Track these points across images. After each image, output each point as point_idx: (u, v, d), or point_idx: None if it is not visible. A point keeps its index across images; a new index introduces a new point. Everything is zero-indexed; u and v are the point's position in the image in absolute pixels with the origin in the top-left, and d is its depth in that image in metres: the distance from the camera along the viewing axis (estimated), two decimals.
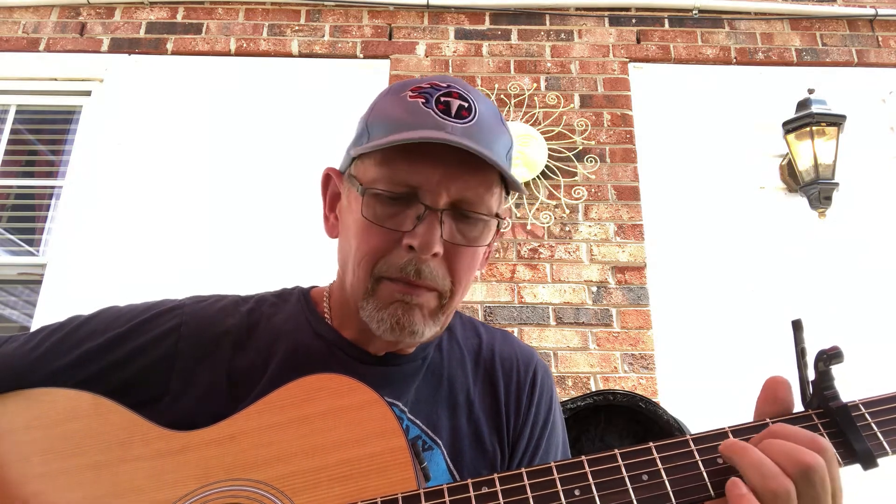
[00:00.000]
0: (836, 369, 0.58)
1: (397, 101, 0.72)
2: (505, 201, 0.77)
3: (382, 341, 0.75)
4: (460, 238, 0.71)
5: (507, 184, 0.74)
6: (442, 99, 0.71)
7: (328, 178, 0.81)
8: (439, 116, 0.69)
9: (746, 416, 0.60)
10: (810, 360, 0.59)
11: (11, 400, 0.71)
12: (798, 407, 0.59)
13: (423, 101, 0.71)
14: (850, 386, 0.60)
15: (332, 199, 0.81)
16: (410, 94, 0.72)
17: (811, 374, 0.58)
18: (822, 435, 0.56)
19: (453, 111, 0.70)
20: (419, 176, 0.68)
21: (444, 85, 0.73)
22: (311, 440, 0.64)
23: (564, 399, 1.95)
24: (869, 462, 0.54)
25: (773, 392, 0.59)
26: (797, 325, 0.60)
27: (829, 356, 0.57)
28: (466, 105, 0.71)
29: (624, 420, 1.93)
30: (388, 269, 0.70)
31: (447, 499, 0.56)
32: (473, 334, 0.87)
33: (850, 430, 0.55)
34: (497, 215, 0.73)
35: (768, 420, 0.58)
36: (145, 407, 0.71)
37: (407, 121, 0.70)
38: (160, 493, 0.64)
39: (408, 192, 0.69)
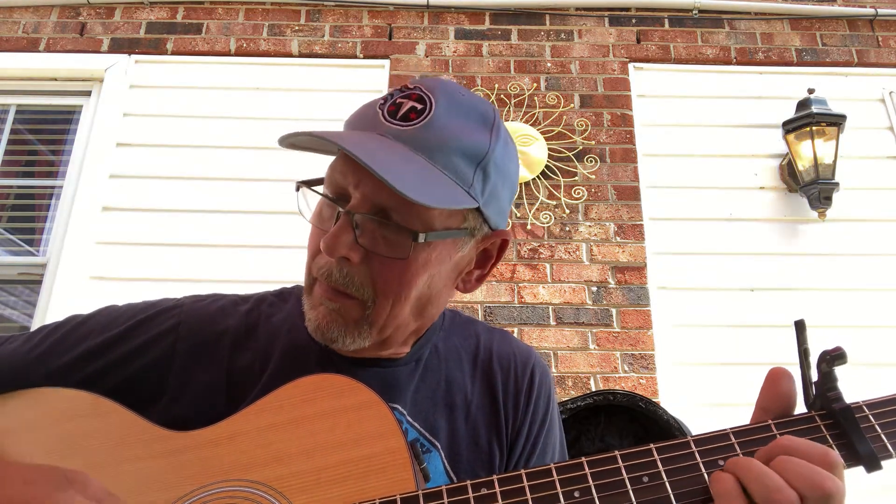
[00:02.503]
0: (838, 370, 0.57)
1: (369, 101, 0.71)
2: (477, 215, 0.71)
3: (367, 350, 0.75)
4: (381, 246, 0.66)
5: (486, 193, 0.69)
6: (398, 100, 0.69)
7: None
8: (383, 117, 0.68)
9: (747, 416, 0.60)
10: (813, 360, 0.58)
11: (10, 400, 0.71)
12: (801, 408, 0.58)
13: (383, 101, 0.70)
14: (850, 386, 0.60)
15: None
16: (381, 97, 0.71)
17: (814, 375, 0.58)
18: (826, 439, 0.55)
19: (401, 113, 0.67)
20: (338, 176, 0.68)
21: (413, 86, 0.70)
22: (309, 441, 0.64)
23: (564, 399, 1.95)
24: (873, 465, 0.53)
25: (775, 384, 0.58)
26: (800, 326, 0.58)
27: (833, 357, 0.56)
28: (420, 107, 0.67)
29: (624, 420, 1.93)
30: (317, 270, 0.70)
31: (446, 500, 0.56)
32: (471, 334, 0.86)
33: (854, 432, 0.54)
34: (410, 230, 0.66)
35: (770, 421, 0.57)
36: (144, 407, 0.71)
37: (353, 122, 0.70)
38: (159, 494, 0.64)
39: (338, 195, 0.69)
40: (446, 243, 0.70)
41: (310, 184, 0.72)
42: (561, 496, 0.55)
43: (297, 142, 0.71)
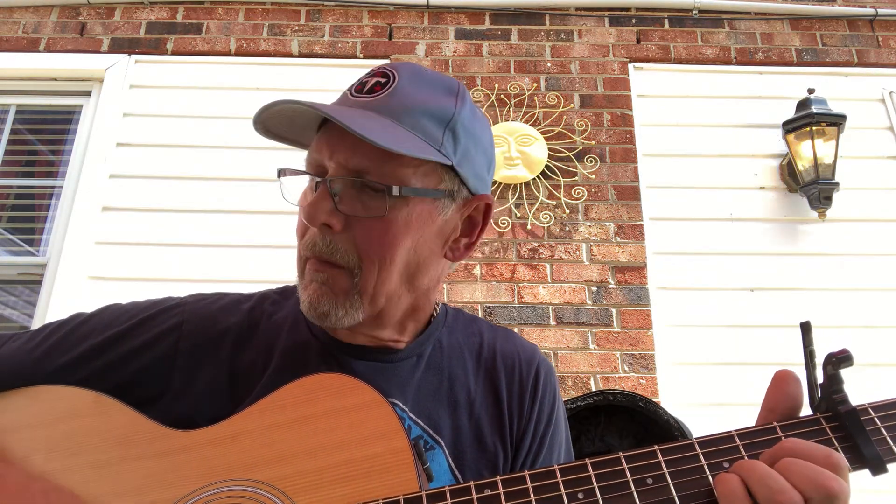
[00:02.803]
0: (843, 372, 0.57)
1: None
2: (452, 175, 0.73)
3: (364, 334, 0.76)
4: (360, 209, 0.68)
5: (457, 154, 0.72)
6: (363, 79, 0.73)
7: None
8: (348, 94, 0.72)
9: (747, 416, 0.60)
10: (818, 362, 0.57)
11: (13, 398, 0.71)
12: (806, 410, 0.58)
13: (348, 87, 0.74)
14: (850, 387, 0.60)
15: None
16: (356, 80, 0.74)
17: (819, 378, 0.57)
18: (832, 442, 0.55)
19: (366, 88, 0.71)
20: (316, 154, 0.71)
21: (379, 68, 0.74)
22: (312, 440, 0.64)
23: (564, 399, 1.95)
24: (878, 468, 0.53)
25: (781, 386, 0.58)
26: (806, 328, 0.58)
27: (839, 359, 0.55)
28: (384, 80, 0.71)
29: (624, 420, 1.93)
30: (304, 247, 0.72)
31: (449, 501, 0.56)
32: (475, 332, 0.86)
33: (860, 435, 0.54)
34: (409, 186, 0.68)
35: (775, 423, 0.57)
36: (146, 405, 0.71)
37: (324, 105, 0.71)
38: (161, 493, 0.64)
39: (316, 172, 0.71)
40: (426, 204, 0.71)
41: (291, 171, 0.74)
42: (565, 497, 0.54)
43: (272, 126, 0.74)
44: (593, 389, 2.44)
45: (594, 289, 2.62)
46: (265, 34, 3.02)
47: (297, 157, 0.77)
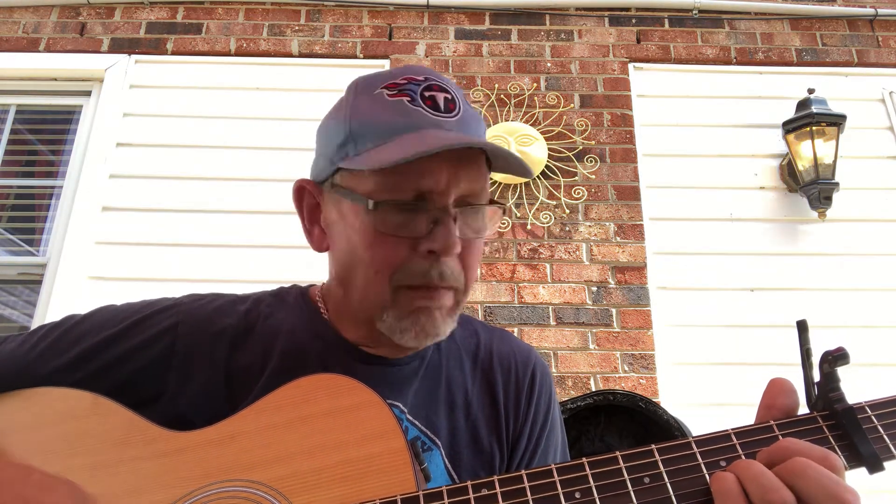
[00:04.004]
0: (840, 371, 0.56)
1: (378, 102, 0.69)
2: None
3: (386, 345, 0.75)
4: (469, 231, 0.71)
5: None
6: (426, 94, 0.69)
7: (301, 191, 0.79)
8: (431, 114, 0.68)
9: (747, 416, 0.59)
10: (815, 361, 0.57)
11: (9, 400, 0.71)
12: (803, 408, 0.58)
13: (408, 99, 0.68)
14: (850, 387, 0.60)
15: (310, 212, 0.79)
16: (388, 92, 0.69)
17: (816, 376, 0.57)
18: (829, 440, 0.54)
19: (441, 106, 0.69)
20: (428, 180, 0.67)
21: (421, 78, 0.70)
22: (309, 441, 0.63)
23: (564, 399, 1.95)
24: (875, 466, 0.53)
25: (773, 398, 0.58)
26: (802, 326, 0.58)
27: (835, 357, 0.55)
28: (449, 96, 0.70)
29: (624, 420, 1.93)
30: (408, 277, 0.68)
31: (446, 501, 0.56)
32: (471, 333, 0.86)
33: (856, 434, 0.53)
34: (494, 201, 0.74)
35: (772, 422, 0.56)
36: (143, 406, 0.71)
37: (401, 123, 0.67)
38: (159, 494, 0.64)
39: (416, 198, 0.68)
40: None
41: (380, 200, 0.68)
42: (562, 497, 0.54)
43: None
44: (593, 389, 2.43)
45: (594, 289, 2.62)
46: (265, 34, 3.02)
47: (297, 159, 0.77)
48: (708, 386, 2.48)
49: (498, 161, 0.73)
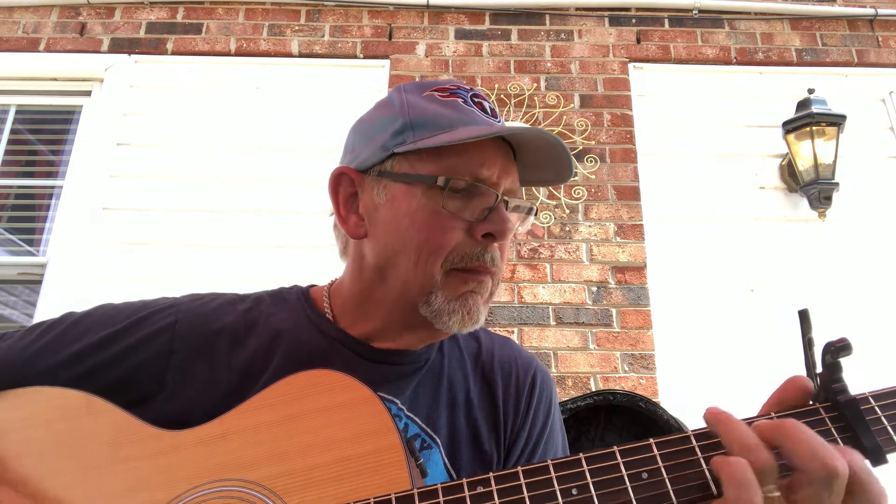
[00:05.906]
0: (843, 363, 0.55)
1: (433, 101, 0.75)
2: None
3: (394, 338, 0.76)
4: (513, 222, 0.76)
5: None
6: (475, 99, 0.77)
7: (339, 178, 0.79)
8: (484, 115, 0.76)
9: (746, 415, 0.59)
10: (818, 351, 0.56)
11: (3, 399, 0.70)
12: None
13: (462, 100, 0.76)
14: (850, 386, 0.59)
15: (347, 199, 0.79)
16: (439, 94, 0.76)
17: (818, 367, 0.56)
18: (831, 432, 0.54)
19: (488, 110, 0.77)
20: (487, 169, 0.72)
21: (467, 87, 0.79)
22: (303, 439, 0.63)
23: (564, 399, 1.95)
24: (879, 458, 0.52)
25: (785, 393, 0.57)
26: (804, 316, 0.57)
27: (838, 348, 0.54)
28: (491, 106, 0.79)
29: (624, 420, 1.92)
30: (460, 259, 0.72)
31: (441, 499, 0.55)
32: (473, 338, 0.87)
33: (859, 425, 0.52)
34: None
35: (773, 414, 0.56)
36: (140, 404, 0.70)
37: (458, 117, 0.73)
38: (152, 494, 0.63)
39: (472, 184, 0.72)
40: None
41: (452, 177, 0.73)
42: (558, 494, 0.53)
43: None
44: (593, 389, 2.43)
45: (594, 289, 2.62)
46: (265, 34, 3.02)
47: (297, 158, 0.77)
48: (708, 386, 2.47)
49: (527, 173, 0.80)
